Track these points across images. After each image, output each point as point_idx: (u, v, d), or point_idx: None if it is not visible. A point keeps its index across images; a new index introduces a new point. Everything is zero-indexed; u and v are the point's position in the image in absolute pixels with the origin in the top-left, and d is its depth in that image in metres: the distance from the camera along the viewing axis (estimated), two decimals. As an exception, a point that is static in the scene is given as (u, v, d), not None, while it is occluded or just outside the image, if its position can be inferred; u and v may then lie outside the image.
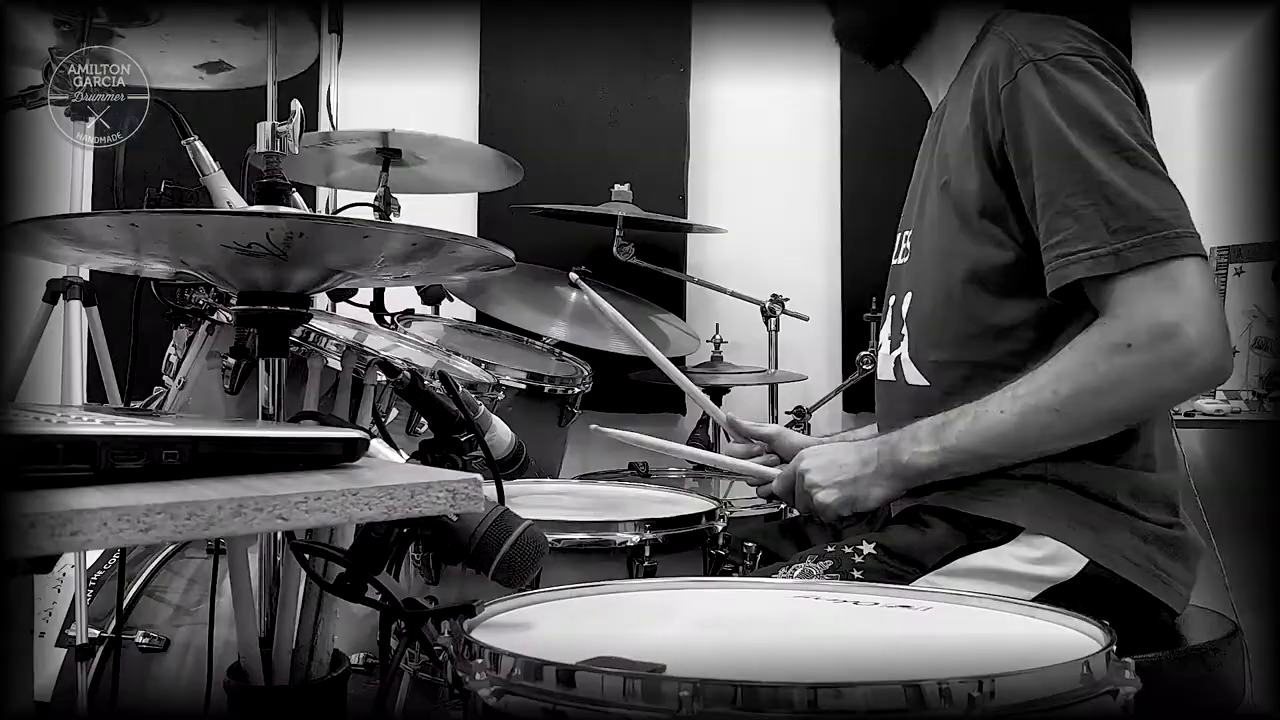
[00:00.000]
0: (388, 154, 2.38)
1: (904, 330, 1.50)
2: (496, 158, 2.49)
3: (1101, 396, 1.27)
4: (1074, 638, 0.97)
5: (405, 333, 2.09)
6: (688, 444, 2.59)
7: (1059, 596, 1.26)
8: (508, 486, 1.26)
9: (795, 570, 1.36)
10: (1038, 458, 1.34)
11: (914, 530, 1.39)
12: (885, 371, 1.54)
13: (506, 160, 2.48)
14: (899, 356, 1.50)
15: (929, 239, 1.48)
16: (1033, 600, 1.17)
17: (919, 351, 1.47)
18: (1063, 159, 1.29)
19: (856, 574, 1.34)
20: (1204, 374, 1.25)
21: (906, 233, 1.56)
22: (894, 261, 1.59)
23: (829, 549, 1.39)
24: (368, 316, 2.25)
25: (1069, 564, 1.31)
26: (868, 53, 1.60)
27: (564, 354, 2.50)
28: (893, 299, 1.56)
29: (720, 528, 1.55)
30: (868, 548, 1.36)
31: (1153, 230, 1.25)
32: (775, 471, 1.55)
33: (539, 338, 2.52)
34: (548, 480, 1.95)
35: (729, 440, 1.73)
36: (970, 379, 1.39)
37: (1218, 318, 1.25)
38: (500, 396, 2.00)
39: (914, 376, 1.47)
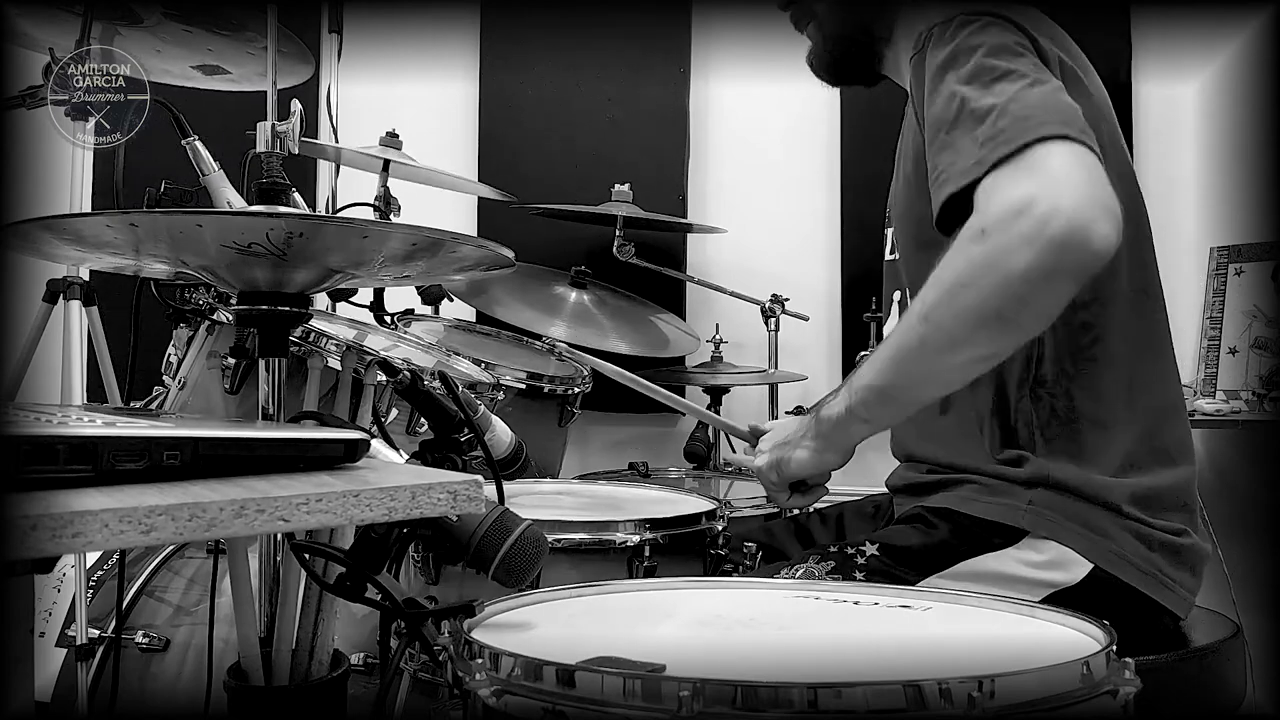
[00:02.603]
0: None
1: None
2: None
3: (960, 291, 1.16)
4: (1074, 638, 0.97)
5: (405, 333, 2.08)
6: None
7: (1063, 601, 1.24)
8: (508, 486, 1.26)
9: (798, 571, 1.36)
10: (940, 387, 1.28)
11: (917, 532, 1.38)
12: None
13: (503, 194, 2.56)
14: None
15: (903, 234, 1.48)
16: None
17: None
18: (943, 99, 1.23)
19: (859, 575, 1.33)
20: (1056, 242, 1.08)
21: (890, 230, 1.57)
22: (887, 258, 1.59)
23: (831, 549, 1.39)
24: (368, 316, 2.25)
25: (1073, 569, 1.30)
26: (839, 72, 1.58)
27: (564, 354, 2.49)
28: (897, 295, 1.56)
29: (720, 528, 1.55)
30: (870, 549, 1.36)
31: (1010, 127, 1.15)
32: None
33: (539, 338, 2.52)
34: (547, 480, 1.95)
35: (732, 446, 1.72)
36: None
37: (1081, 189, 1.11)
38: (500, 396, 2.00)
39: None
